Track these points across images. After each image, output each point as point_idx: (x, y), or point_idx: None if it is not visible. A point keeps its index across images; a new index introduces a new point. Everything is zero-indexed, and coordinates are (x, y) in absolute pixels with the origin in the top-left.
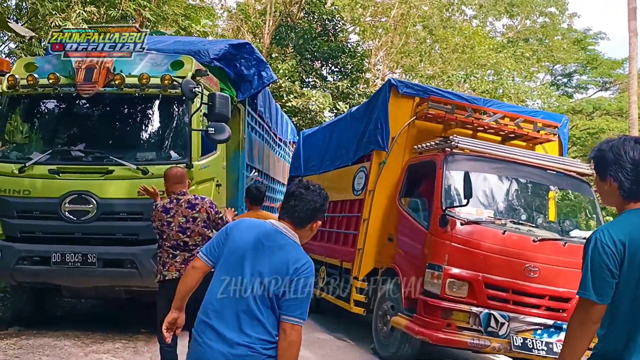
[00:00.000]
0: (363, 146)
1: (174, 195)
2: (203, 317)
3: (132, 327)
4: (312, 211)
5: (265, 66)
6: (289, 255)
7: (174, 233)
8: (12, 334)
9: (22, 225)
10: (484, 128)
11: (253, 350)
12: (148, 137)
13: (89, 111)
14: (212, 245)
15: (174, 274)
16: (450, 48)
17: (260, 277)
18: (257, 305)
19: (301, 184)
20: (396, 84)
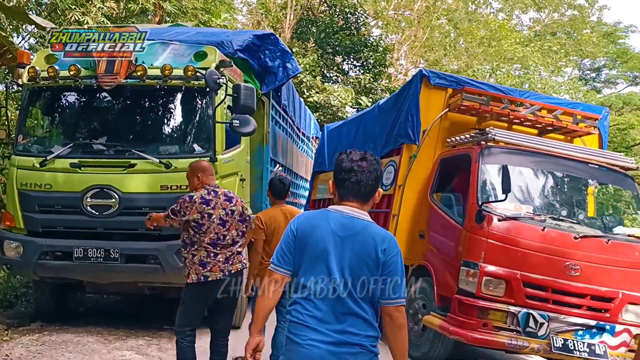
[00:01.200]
0: (392, 139)
1: (210, 187)
2: (299, 318)
3: (155, 323)
4: (375, 180)
5: (290, 57)
6: (371, 239)
7: (215, 226)
8: (35, 329)
9: (44, 219)
10: (520, 120)
11: (363, 347)
12: (171, 130)
13: (111, 103)
14: (282, 254)
15: (217, 274)
16: (476, 42)
17: (351, 272)
18: (356, 301)
19: (353, 155)
20: (428, 74)
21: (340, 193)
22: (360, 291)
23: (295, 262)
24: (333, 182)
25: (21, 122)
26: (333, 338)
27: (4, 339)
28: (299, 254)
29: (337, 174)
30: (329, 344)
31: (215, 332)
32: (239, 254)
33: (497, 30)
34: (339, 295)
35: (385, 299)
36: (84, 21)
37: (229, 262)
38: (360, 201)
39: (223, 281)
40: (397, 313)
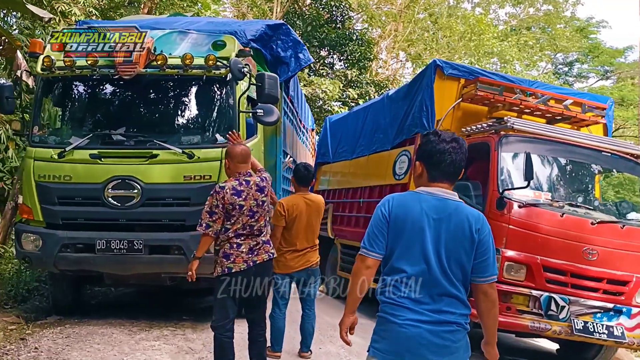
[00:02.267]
0: (406, 129)
1: (242, 177)
2: (394, 299)
3: (174, 314)
4: (465, 160)
5: (302, 48)
6: (464, 220)
7: (243, 217)
8: (54, 322)
9: (64, 212)
10: (530, 110)
11: (459, 325)
12: (192, 120)
13: (130, 93)
14: (374, 238)
15: (241, 265)
16: (455, 36)
17: (447, 253)
18: (452, 282)
19: (444, 136)
20: (442, 65)
21: (432, 174)
22: (456, 272)
23: (389, 246)
24: (421, 163)
25: (36, 113)
26: (431, 317)
27: (26, 332)
28: (393, 239)
29: (428, 156)
30: (427, 323)
31: (250, 322)
32: (265, 243)
33: (475, 24)
34: (435, 277)
35: (480, 277)
36: (70, 11)
37: (254, 253)
38: (450, 182)
39: (248, 272)
40: (491, 289)
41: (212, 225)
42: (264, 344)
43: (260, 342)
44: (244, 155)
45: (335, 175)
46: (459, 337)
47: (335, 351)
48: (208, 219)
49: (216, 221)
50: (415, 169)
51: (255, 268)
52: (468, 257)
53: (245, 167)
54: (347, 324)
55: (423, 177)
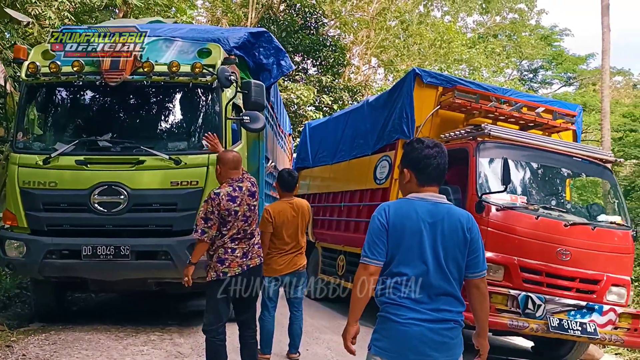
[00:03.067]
0: (386, 136)
1: (235, 183)
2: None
3: (159, 319)
4: (447, 163)
5: (284, 55)
6: (456, 221)
7: (238, 222)
8: (37, 329)
9: (49, 218)
10: (504, 117)
11: (456, 322)
12: (178, 127)
13: (115, 100)
14: (374, 246)
15: (236, 269)
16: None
17: (444, 255)
18: (449, 282)
19: (427, 143)
20: (420, 73)
21: (420, 179)
22: (453, 271)
23: (389, 253)
24: (409, 170)
25: (20, 119)
26: (431, 316)
27: (11, 339)
28: (393, 245)
29: (415, 162)
30: (428, 322)
31: (241, 324)
32: (256, 246)
33: (445, 32)
34: (434, 277)
35: (472, 272)
36: (45, 14)
37: (247, 257)
38: (438, 184)
39: (242, 276)
40: (483, 284)
41: (208, 232)
42: (255, 346)
43: (252, 344)
44: (235, 161)
45: (315, 179)
46: (456, 333)
47: (322, 352)
48: (203, 225)
49: (211, 227)
50: (403, 177)
51: (248, 271)
52: (462, 256)
53: (237, 173)
54: (351, 333)
55: (412, 182)
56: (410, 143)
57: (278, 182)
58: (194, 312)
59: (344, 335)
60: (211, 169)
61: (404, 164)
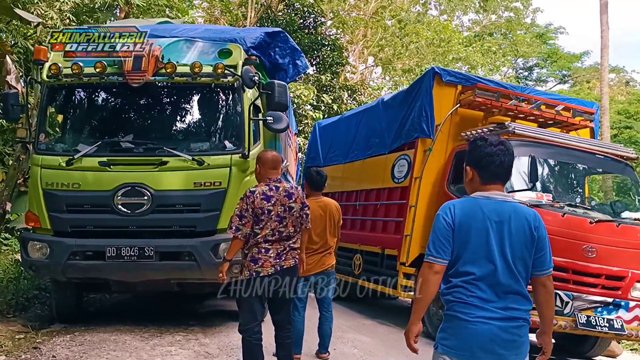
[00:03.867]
0: (405, 134)
1: (272, 182)
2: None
3: (181, 319)
4: (513, 161)
5: (300, 55)
6: (523, 219)
7: (272, 222)
8: (60, 331)
9: (73, 219)
10: (524, 115)
11: (525, 320)
12: (200, 127)
13: (138, 101)
14: (439, 245)
15: (269, 270)
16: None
17: (512, 254)
18: (517, 280)
19: (491, 140)
20: (440, 72)
21: (483, 177)
22: (520, 270)
23: (455, 252)
24: (471, 168)
25: (41, 121)
26: (499, 314)
27: (37, 340)
28: (459, 244)
29: (478, 160)
30: (497, 320)
31: (277, 324)
32: (292, 249)
33: (441, 31)
34: (502, 276)
35: (539, 270)
36: (47, 15)
37: (281, 258)
38: (503, 183)
39: (275, 276)
40: (549, 281)
41: (242, 229)
42: (291, 346)
43: (287, 344)
44: (275, 161)
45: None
46: (525, 331)
47: (350, 351)
48: (238, 222)
49: (245, 225)
50: (466, 175)
51: (282, 272)
52: (529, 254)
53: (276, 174)
54: (414, 332)
55: (475, 181)
56: (473, 141)
57: (307, 181)
58: (213, 312)
59: (406, 334)
60: (234, 169)
61: (467, 162)
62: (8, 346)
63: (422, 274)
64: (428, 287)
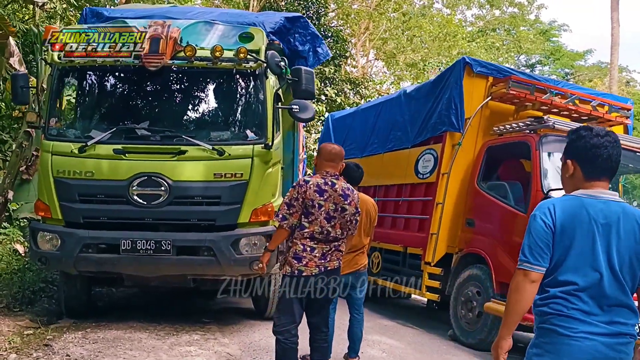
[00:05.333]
0: (431, 128)
1: (329, 177)
2: (562, 311)
3: (192, 316)
4: (620, 155)
5: (321, 42)
6: (634, 223)
7: (321, 219)
8: (70, 326)
9: (86, 210)
10: (557, 110)
11: (632, 337)
12: (220, 116)
13: (154, 86)
14: (538, 250)
15: (313, 269)
16: (427, 36)
17: (619, 262)
18: (624, 291)
19: (598, 131)
20: (471, 62)
21: (587, 172)
22: (628, 279)
23: (554, 258)
24: (573, 161)
25: (52, 105)
26: (605, 329)
27: (47, 337)
28: (561, 250)
29: (582, 151)
30: (601, 335)
31: (313, 327)
32: (338, 250)
33: (445, 25)
34: (607, 287)
35: None
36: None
37: (326, 259)
38: (609, 179)
39: (318, 277)
40: None
41: (289, 219)
42: (327, 350)
43: (323, 348)
44: (333, 153)
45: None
46: (631, 349)
47: (379, 355)
48: (285, 211)
49: (293, 215)
50: (566, 169)
51: (326, 273)
52: (639, 261)
53: (333, 167)
54: (505, 348)
55: (576, 176)
56: (576, 131)
57: (344, 174)
58: (227, 309)
59: (495, 350)
60: (256, 160)
61: (567, 155)
62: (17, 343)
63: (516, 283)
64: (523, 298)
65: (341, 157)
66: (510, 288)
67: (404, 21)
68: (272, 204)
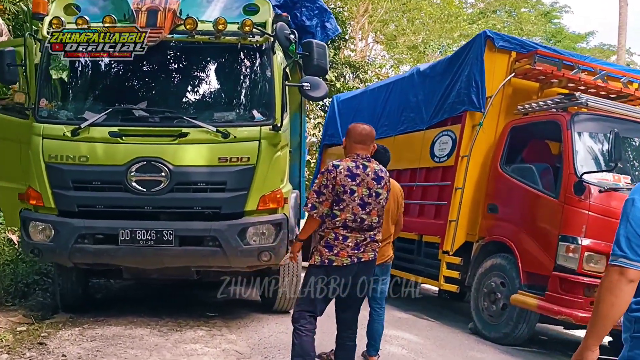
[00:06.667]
0: (448, 108)
1: (360, 160)
2: None
3: (195, 309)
4: None
5: (330, 16)
6: None
7: (354, 205)
8: (66, 322)
9: (80, 197)
10: (584, 87)
11: None
12: (225, 95)
13: (152, 63)
14: (636, 242)
15: (345, 260)
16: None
17: None
18: None
19: None
20: (493, 36)
21: None
22: None
23: None
24: None
25: (42, 84)
26: None
27: (41, 334)
28: None
29: None
30: None
31: (341, 323)
32: (373, 241)
33: (445, 7)
34: None
35: None
36: None
37: (360, 249)
38: None
39: (351, 268)
40: None
41: (318, 207)
42: (353, 350)
43: (349, 347)
44: (364, 134)
45: None
46: None
47: (399, 352)
48: (315, 199)
49: (323, 203)
50: None
51: (358, 265)
52: None
53: (364, 149)
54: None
55: None
56: None
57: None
58: (232, 301)
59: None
60: (264, 143)
61: None
62: (9, 340)
63: (609, 283)
64: (617, 300)
65: (372, 137)
66: (602, 289)
67: (404, 2)
68: (281, 190)
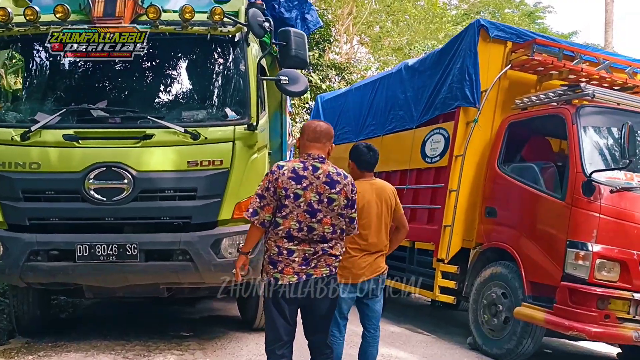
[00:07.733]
0: (439, 104)
1: (310, 160)
2: None
3: (168, 328)
4: None
5: (310, 8)
6: None
7: (299, 212)
8: (21, 348)
9: (32, 209)
10: (587, 79)
11: None
12: (194, 91)
13: (113, 57)
14: None
15: (291, 277)
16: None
17: None
18: None
19: None
20: (486, 25)
21: None
22: None
23: None
24: None
25: None
26: None
27: None
28: None
29: None
30: None
31: (311, 347)
32: (328, 255)
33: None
34: None
35: None
36: None
37: (309, 264)
38: None
39: (298, 287)
40: None
41: (259, 213)
42: None
43: None
44: (318, 132)
45: (336, 160)
46: None
47: None
48: (257, 203)
49: (264, 208)
50: None
51: (310, 283)
52: None
53: (318, 149)
54: None
55: None
56: None
57: (354, 158)
58: (209, 318)
59: None
60: (238, 145)
61: None
62: None
63: None
64: None
65: (329, 136)
66: None
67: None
68: None
